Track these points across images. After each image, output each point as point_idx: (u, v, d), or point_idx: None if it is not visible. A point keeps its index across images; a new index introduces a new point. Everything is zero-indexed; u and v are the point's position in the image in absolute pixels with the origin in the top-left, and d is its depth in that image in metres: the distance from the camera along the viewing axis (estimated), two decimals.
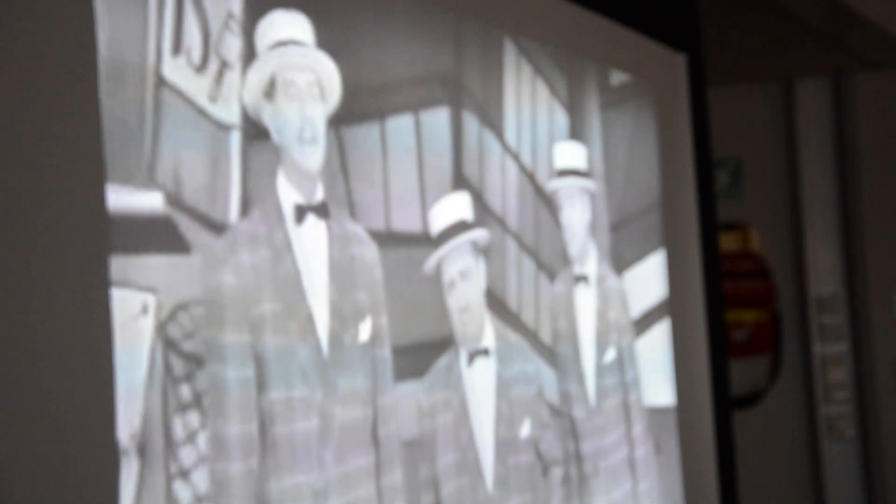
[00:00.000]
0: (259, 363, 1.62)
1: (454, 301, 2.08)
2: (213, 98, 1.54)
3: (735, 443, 3.54)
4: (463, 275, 2.09)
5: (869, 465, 4.78)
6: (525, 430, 2.29)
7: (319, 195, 1.76)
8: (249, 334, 1.60)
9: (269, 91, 1.67)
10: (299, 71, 1.72)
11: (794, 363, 4.80)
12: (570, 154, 2.58)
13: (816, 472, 4.80)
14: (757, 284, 4.62)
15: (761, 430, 4.65)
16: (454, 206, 2.12)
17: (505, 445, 2.21)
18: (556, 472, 2.38)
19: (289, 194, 1.70)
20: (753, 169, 4.79)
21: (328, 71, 1.76)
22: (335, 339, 1.76)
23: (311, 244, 1.74)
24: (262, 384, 1.62)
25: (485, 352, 2.17)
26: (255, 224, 1.64)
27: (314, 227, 1.76)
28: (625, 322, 2.74)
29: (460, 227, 2.11)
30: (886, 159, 4.70)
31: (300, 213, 1.72)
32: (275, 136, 1.68)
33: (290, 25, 1.72)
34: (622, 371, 2.72)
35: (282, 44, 1.69)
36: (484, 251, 2.17)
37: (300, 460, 1.67)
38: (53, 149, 1.31)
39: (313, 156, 1.74)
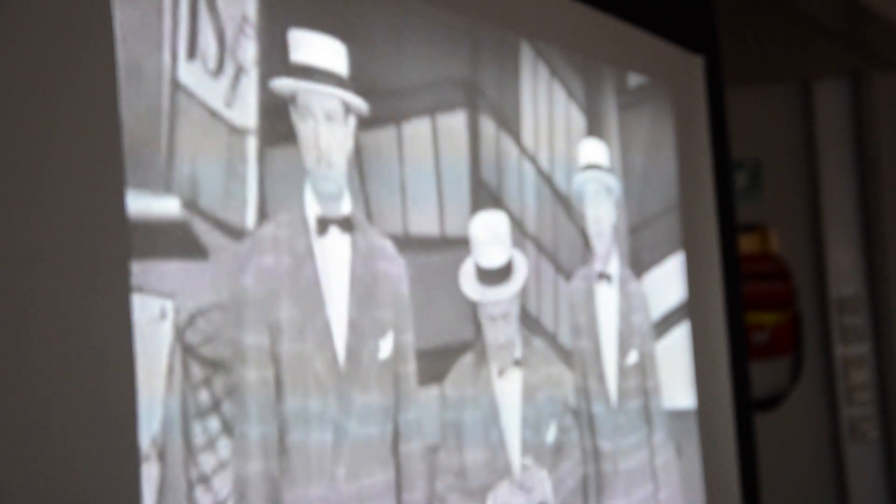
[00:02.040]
0: (277, 367, 1.61)
1: (493, 335, 2.13)
2: (229, 103, 1.54)
3: (757, 445, 3.52)
4: (505, 316, 2.16)
5: (892, 466, 4.75)
6: (551, 435, 2.29)
7: (345, 209, 1.76)
8: (268, 337, 1.60)
9: (293, 100, 1.68)
10: (319, 98, 1.72)
11: (816, 365, 4.78)
12: (595, 151, 2.60)
13: (839, 475, 4.78)
14: (777, 286, 4.61)
15: (783, 433, 4.65)
16: (505, 242, 2.17)
17: (531, 451, 2.22)
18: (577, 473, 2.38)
19: (312, 206, 1.70)
20: (772, 170, 4.78)
21: (353, 99, 1.77)
22: (352, 353, 1.75)
23: (333, 256, 1.74)
24: (279, 388, 1.61)
25: (516, 363, 2.20)
26: (279, 228, 1.63)
27: (337, 240, 1.75)
28: (647, 328, 2.74)
29: (512, 273, 2.17)
30: None
31: (322, 225, 1.72)
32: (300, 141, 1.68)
33: (321, 51, 1.72)
34: (644, 376, 2.71)
35: (309, 70, 1.69)
36: None
37: (313, 472, 1.66)
38: (73, 154, 1.30)
39: (329, 182, 1.74)
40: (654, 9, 2.94)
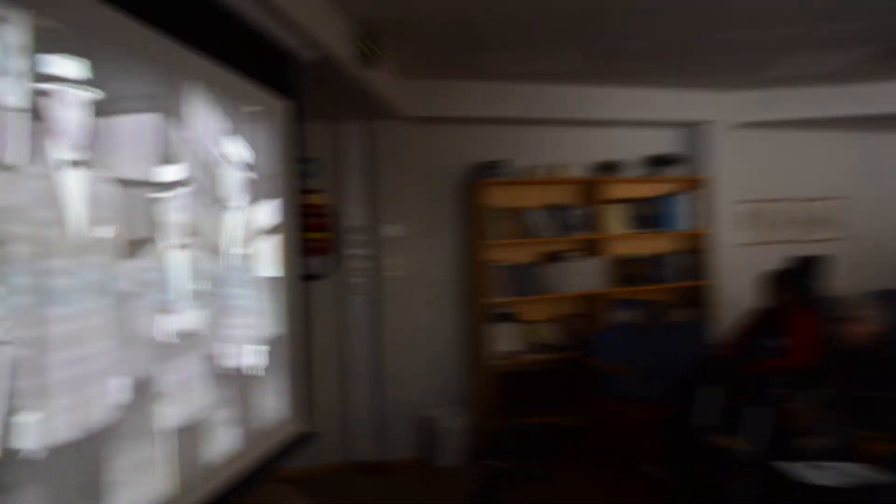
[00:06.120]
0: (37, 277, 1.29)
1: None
2: None
3: (312, 300, 3.81)
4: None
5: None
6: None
7: (83, 154, 1.50)
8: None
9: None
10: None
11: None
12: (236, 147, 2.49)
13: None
14: (324, 220, 4.34)
15: (323, 294, 4.51)
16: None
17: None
18: None
19: (61, 151, 1.45)
20: (328, 165, 4.56)
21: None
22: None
23: (75, 187, 1.47)
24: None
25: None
26: (36, 166, 1.36)
27: (79, 175, 1.49)
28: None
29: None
30: (397, 171, 4.58)
31: (70, 164, 1.46)
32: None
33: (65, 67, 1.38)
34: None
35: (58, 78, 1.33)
36: None
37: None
38: None
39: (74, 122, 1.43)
40: (264, 70, 2.82)
